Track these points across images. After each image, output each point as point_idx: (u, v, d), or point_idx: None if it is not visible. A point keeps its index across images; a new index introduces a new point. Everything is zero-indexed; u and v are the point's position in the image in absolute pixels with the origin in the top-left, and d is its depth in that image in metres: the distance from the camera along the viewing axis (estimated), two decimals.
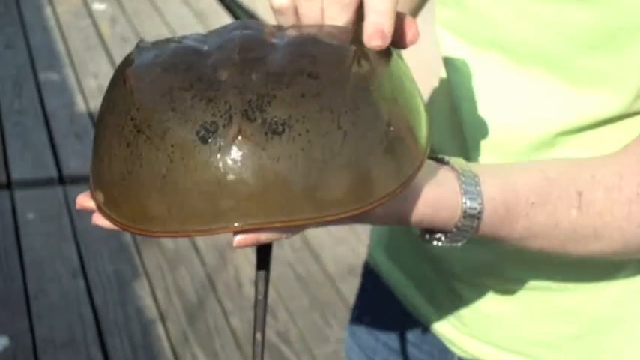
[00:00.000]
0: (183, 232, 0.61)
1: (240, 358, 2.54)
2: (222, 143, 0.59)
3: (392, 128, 0.64)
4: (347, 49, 0.64)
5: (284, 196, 0.60)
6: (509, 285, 0.92)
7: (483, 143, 0.86)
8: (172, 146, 0.60)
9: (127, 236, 3.03)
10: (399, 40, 0.68)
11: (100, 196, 0.64)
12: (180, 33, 4.94)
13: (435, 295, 0.99)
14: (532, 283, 0.91)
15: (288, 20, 0.69)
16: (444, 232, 0.72)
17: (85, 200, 0.66)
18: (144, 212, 0.62)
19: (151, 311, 2.69)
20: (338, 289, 2.85)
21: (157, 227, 0.61)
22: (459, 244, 0.73)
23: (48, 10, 5.20)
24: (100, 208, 0.65)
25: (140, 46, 0.69)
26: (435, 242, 0.73)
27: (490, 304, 0.94)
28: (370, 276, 1.12)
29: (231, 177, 0.59)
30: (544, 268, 0.89)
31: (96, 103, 4.01)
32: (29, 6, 5.21)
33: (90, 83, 4.25)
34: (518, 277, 0.91)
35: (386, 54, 0.67)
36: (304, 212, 0.60)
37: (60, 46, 4.68)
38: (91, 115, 3.90)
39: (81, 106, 4.00)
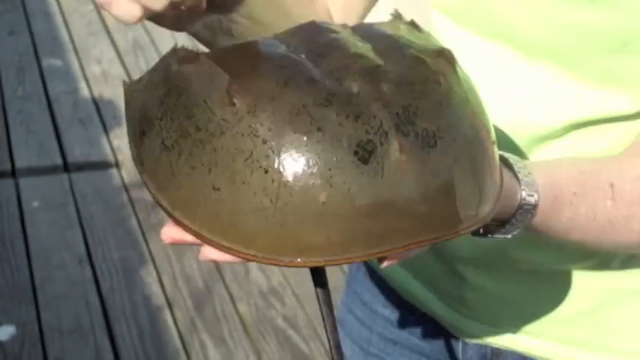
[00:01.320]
0: (344, 260, 0.57)
1: (249, 344, 2.53)
2: (384, 162, 0.56)
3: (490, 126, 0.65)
4: (439, 51, 0.63)
5: (446, 211, 0.58)
6: (515, 266, 0.91)
7: None
8: (330, 170, 0.56)
9: (133, 223, 3.02)
10: None
11: (219, 228, 0.58)
12: None
13: (436, 282, 0.98)
14: (538, 264, 0.90)
15: None
16: (501, 223, 0.72)
17: (178, 234, 0.60)
18: (295, 242, 0.57)
19: (158, 298, 2.68)
20: (346, 274, 2.84)
21: (312, 256, 0.57)
22: (510, 235, 0.73)
23: None
24: (211, 242, 0.59)
25: (191, 53, 0.62)
26: (489, 235, 0.73)
27: (496, 285, 0.94)
28: (359, 267, 1.11)
29: (395, 196, 0.57)
30: (550, 249, 0.88)
31: (99, 89, 4.00)
32: None
33: (93, 69, 4.23)
34: (525, 258, 0.90)
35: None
36: (464, 223, 0.60)
37: (63, 32, 4.66)
38: (94, 100, 3.89)
39: (84, 92, 3.99)
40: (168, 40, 4.65)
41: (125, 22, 0.68)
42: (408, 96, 0.58)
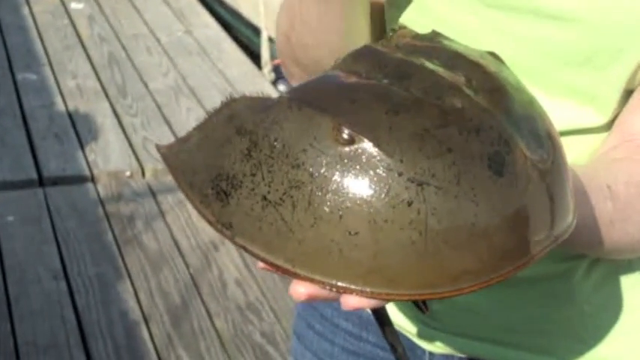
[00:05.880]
0: (495, 279, 0.55)
1: None
2: (515, 171, 0.56)
3: None
4: (491, 53, 0.64)
5: (565, 209, 0.60)
6: None
7: None
8: (472, 189, 0.54)
9: (109, 238, 3.01)
10: None
11: (360, 275, 0.55)
12: (159, 32, 4.94)
13: None
14: None
15: None
16: None
17: (312, 288, 0.57)
18: (448, 271, 0.55)
19: (135, 313, 2.67)
20: None
21: (466, 282, 0.55)
22: None
23: (25, 10, 5.16)
24: (353, 291, 0.55)
25: (288, 95, 0.58)
26: None
27: (464, 297, 0.93)
28: None
29: (531, 202, 0.56)
30: None
31: (75, 103, 3.99)
32: (5, 6, 5.18)
33: (68, 83, 4.22)
34: None
35: None
36: (573, 221, 0.63)
37: (38, 46, 4.65)
38: (70, 115, 3.87)
39: (60, 106, 3.98)
40: (144, 55, 4.64)
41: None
42: (503, 101, 0.58)
